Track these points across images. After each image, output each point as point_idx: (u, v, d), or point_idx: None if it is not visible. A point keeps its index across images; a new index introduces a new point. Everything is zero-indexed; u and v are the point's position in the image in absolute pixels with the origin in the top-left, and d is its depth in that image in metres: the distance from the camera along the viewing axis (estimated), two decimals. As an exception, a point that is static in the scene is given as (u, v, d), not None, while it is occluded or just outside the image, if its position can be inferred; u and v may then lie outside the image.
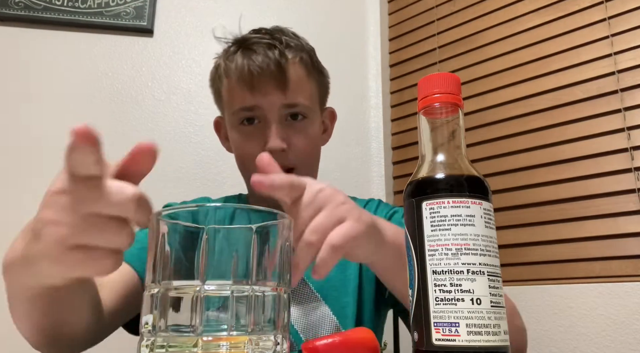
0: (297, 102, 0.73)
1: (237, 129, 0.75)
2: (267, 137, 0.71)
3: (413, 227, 0.33)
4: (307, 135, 0.75)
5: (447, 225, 0.32)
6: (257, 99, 0.71)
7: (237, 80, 0.72)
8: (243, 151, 0.75)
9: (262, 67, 0.70)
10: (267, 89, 0.71)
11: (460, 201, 0.32)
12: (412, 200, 0.34)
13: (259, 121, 0.73)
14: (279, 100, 0.72)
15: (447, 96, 0.35)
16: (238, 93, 0.73)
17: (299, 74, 0.74)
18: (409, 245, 0.34)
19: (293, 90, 0.72)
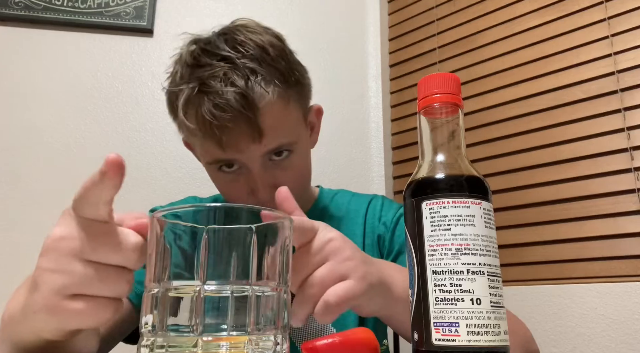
0: (278, 146, 0.65)
1: (216, 175, 0.69)
2: (252, 185, 0.65)
3: (413, 227, 0.33)
4: (294, 170, 0.69)
5: (447, 225, 0.32)
6: (232, 154, 0.63)
7: (203, 136, 0.63)
8: (229, 195, 0.70)
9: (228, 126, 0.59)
10: (240, 146, 0.62)
11: (460, 201, 0.32)
12: (412, 200, 0.34)
13: (238, 166, 0.66)
14: (257, 151, 0.63)
15: (447, 96, 0.35)
16: (209, 148, 0.64)
17: (274, 112, 0.62)
18: (409, 245, 0.34)
19: (271, 136, 0.63)
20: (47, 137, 1.33)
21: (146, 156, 1.36)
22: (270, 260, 0.32)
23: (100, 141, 1.35)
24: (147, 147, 1.37)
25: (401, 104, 1.53)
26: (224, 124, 0.59)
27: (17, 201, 1.24)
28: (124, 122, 1.38)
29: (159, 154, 1.37)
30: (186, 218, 0.32)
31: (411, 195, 0.34)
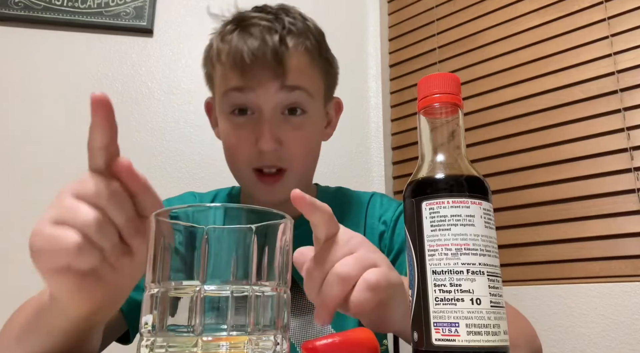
0: (295, 96, 0.66)
1: (227, 118, 0.68)
2: (259, 133, 0.64)
3: (413, 227, 0.33)
4: (304, 133, 0.68)
5: (447, 225, 0.32)
6: (248, 82, 0.64)
7: (229, 66, 0.65)
8: (232, 144, 0.68)
9: (257, 55, 0.62)
10: (261, 78, 0.64)
11: (460, 201, 0.32)
12: (412, 200, 0.34)
13: (252, 112, 0.66)
14: (274, 90, 0.64)
15: (447, 96, 0.35)
16: (230, 74, 0.66)
17: (300, 63, 0.66)
18: (409, 245, 0.34)
19: (292, 80, 0.65)
20: (46, 137, 1.33)
21: (146, 156, 1.36)
22: (270, 260, 0.32)
23: (100, 141, 1.35)
24: (147, 147, 1.37)
25: (401, 104, 1.53)
26: (253, 53, 0.62)
27: (17, 201, 1.24)
28: (124, 122, 1.38)
29: (159, 154, 1.37)
30: (186, 218, 0.32)
31: (411, 195, 0.34)
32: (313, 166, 0.75)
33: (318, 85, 0.71)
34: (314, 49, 0.68)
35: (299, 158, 0.68)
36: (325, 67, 0.72)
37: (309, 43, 0.67)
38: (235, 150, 0.68)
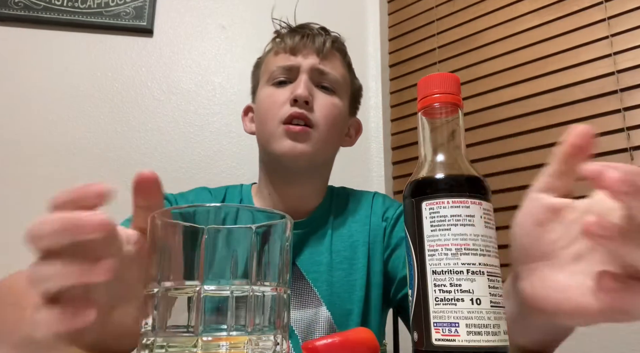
0: (329, 71, 0.75)
1: (268, 87, 0.75)
2: (296, 86, 0.71)
3: (413, 227, 0.33)
4: (334, 103, 0.74)
5: (447, 225, 0.32)
6: (294, 59, 0.74)
7: (282, 45, 0.76)
8: (268, 103, 0.74)
9: (308, 36, 0.75)
10: (305, 52, 0.74)
11: (460, 201, 0.32)
12: (412, 200, 0.34)
13: (290, 83, 0.74)
14: (313, 62, 0.73)
15: (447, 96, 0.35)
16: (280, 55, 0.75)
17: (338, 58, 0.78)
18: (409, 245, 0.34)
19: (329, 63, 0.75)
20: (46, 137, 1.33)
21: (146, 156, 1.36)
22: (270, 260, 0.32)
23: (100, 141, 1.35)
24: (147, 147, 1.37)
25: (401, 104, 1.53)
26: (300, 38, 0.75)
27: (17, 201, 1.24)
28: (124, 122, 1.38)
29: (159, 154, 1.37)
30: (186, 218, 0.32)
31: (411, 195, 0.34)
32: (334, 145, 0.78)
33: (346, 86, 0.79)
34: (348, 60, 0.82)
35: (326, 120, 0.72)
36: (352, 79, 0.82)
37: (347, 53, 0.82)
38: (270, 106, 0.72)
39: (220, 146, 1.41)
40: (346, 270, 0.72)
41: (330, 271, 0.72)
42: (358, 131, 0.86)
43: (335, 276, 0.71)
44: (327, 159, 0.78)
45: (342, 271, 0.72)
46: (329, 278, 0.71)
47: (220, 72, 1.48)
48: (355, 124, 0.85)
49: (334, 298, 0.70)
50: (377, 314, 0.72)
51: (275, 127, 0.71)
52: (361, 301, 0.70)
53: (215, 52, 1.49)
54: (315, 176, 0.77)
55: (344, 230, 0.76)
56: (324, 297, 0.70)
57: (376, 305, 0.72)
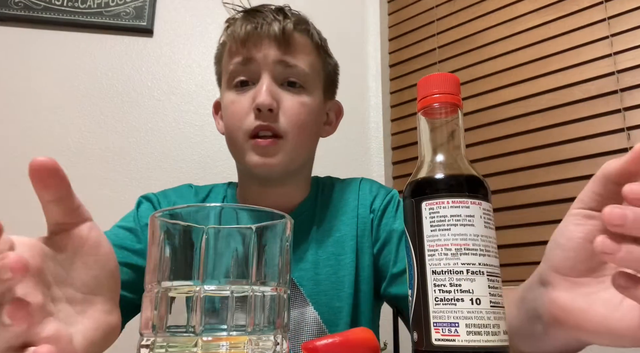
0: (294, 64, 0.66)
1: (229, 92, 0.68)
2: (257, 92, 0.64)
3: (413, 227, 0.33)
4: (302, 103, 0.67)
5: (447, 225, 0.32)
6: (251, 52, 0.66)
7: (234, 38, 0.67)
8: (231, 113, 0.67)
9: (261, 24, 0.66)
10: (262, 44, 0.65)
11: (459, 201, 0.32)
12: (412, 200, 0.34)
13: (253, 83, 0.66)
14: (274, 56, 0.65)
15: (447, 96, 0.35)
16: (234, 51, 0.67)
17: (302, 41, 0.68)
18: (409, 245, 0.34)
19: (293, 52, 0.66)
20: (46, 137, 1.33)
21: (146, 156, 1.36)
22: (270, 260, 0.32)
23: (100, 141, 1.35)
24: (147, 147, 1.37)
25: (401, 104, 1.53)
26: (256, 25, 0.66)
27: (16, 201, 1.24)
28: (124, 122, 1.38)
29: (159, 154, 1.37)
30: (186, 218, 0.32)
31: (411, 195, 0.34)
32: (309, 147, 0.72)
33: (318, 74, 0.71)
34: (317, 38, 0.71)
35: (295, 126, 0.66)
36: (325, 59, 0.73)
37: (313, 33, 0.70)
38: (234, 117, 0.67)
39: (220, 146, 1.41)
40: (333, 266, 0.69)
41: (316, 268, 0.68)
42: (339, 114, 0.80)
43: (321, 273, 0.68)
44: (305, 159, 0.73)
45: (328, 267, 0.69)
46: (315, 276, 0.68)
47: (220, 72, 1.48)
48: (334, 108, 0.78)
49: (321, 297, 0.67)
50: (368, 310, 0.70)
51: (242, 141, 0.66)
52: (350, 298, 0.68)
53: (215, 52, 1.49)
54: (295, 176, 0.72)
55: (329, 224, 0.72)
56: (310, 296, 0.66)
57: (366, 301, 0.69)
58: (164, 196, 0.74)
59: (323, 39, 0.74)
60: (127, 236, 0.65)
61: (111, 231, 0.66)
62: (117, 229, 0.66)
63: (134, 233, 0.66)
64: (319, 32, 0.73)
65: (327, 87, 0.75)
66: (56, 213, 0.34)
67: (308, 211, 0.73)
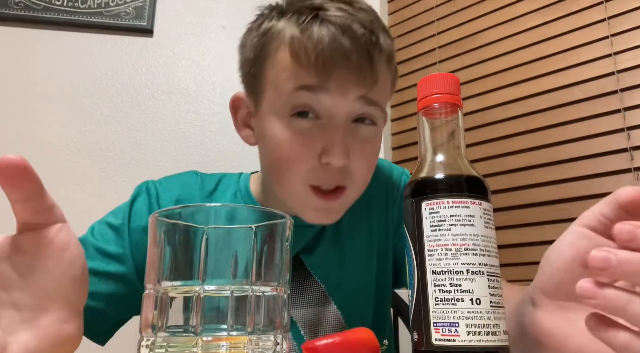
0: (376, 101, 0.54)
1: (285, 122, 0.54)
2: (328, 143, 0.52)
3: (413, 227, 0.33)
4: (372, 149, 0.57)
5: (447, 225, 0.32)
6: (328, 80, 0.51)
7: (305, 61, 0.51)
8: (289, 153, 0.54)
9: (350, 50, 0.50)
10: (343, 81, 0.51)
11: (459, 201, 0.32)
12: (412, 200, 0.34)
13: (316, 117, 0.53)
14: (354, 98, 0.52)
15: (447, 96, 0.35)
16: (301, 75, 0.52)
17: (385, 70, 0.55)
18: (409, 245, 0.34)
19: (376, 90, 0.54)
20: (46, 137, 1.33)
21: (146, 156, 1.36)
22: (270, 259, 0.32)
23: (100, 141, 1.35)
24: (147, 147, 1.37)
25: (401, 104, 1.53)
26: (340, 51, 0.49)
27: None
28: (124, 122, 1.38)
29: (159, 154, 1.37)
30: (186, 218, 0.32)
31: (411, 195, 0.34)
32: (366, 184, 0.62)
33: (389, 97, 0.61)
34: (394, 57, 0.58)
35: (362, 175, 0.56)
36: (394, 77, 0.61)
37: (392, 46, 0.57)
38: (293, 161, 0.54)
39: (220, 146, 1.41)
40: (356, 261, 0.65)
41: (338, 265, 0.64)
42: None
43: (346, 269, 0.64)
44: None
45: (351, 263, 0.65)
46: (339, 273, 0.64)
47: (220, 72, 1.47)
48: None
49: (344, 295, 0.63)
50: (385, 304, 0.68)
51: (299, 185, 0.55)
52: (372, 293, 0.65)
53: (215, 52, 1.49)
54: None
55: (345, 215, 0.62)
56: (332, 294, 0.62)
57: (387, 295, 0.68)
58: (166, 188, 0.65)
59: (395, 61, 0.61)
60: (112, 238, 0.59)
61: (99, 228, 0.61)
62: (105, 227, 0.61)
63: (119, 234, 0.60)
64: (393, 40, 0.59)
65: None
66: (23, 212, 0.33)
67: None
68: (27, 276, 0.33)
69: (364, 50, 0.51)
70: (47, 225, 0.34)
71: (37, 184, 0.32)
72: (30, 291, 0.33)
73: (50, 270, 0.34)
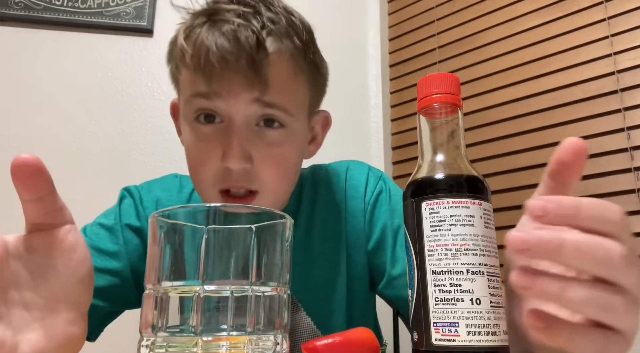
0: (273, 103, 0.54)
1: (191, 126, 0.57)
2: (226, 147, 0.53)
3: (413, 227, 0.33)
4: (281, 151, 0.56)
5: (447, 225, 0.32)
6: (217, 86, 0.53)
7: (194, 68, 0.54)
8: (195, 158, 0.57)
9: (228, 59, 0.51)
10: (232, 86, 0.53)
11: (459, 201, 0.32)
12: (412, 200, 0.34)
13: (220, 120, 0.55)
14: (247, 101, 0.53)
15: (447, 96, 0.35)
16: (194, 82, 0.55)
17: (282, 74, 0.55)
18: (409, 245, 0.34)
19: (270, 96, 0.54)
20: (46, 137, 1.33)
21: (146, 156, 1.36)
22: (270, 260, 0.32)
23: (100, 141, 1.35)
24: (147, 147, 1.37)
25: (401, 104, 1.53)
26: (223, 56, 0.51)
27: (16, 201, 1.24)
28: (124, 123, 1.38)
29: (159, 154, 1.37)
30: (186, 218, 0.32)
31: (411, 195, 0.34)
32: (290, 188, 0.62)
33: (302, 98, 0.59)
34: (300, 53, 0.56)
35: (272, 179, 0.56)
36: (312, 74, 0.60)
37: (294, 47, 0.56)
38: (199, 165, 0.56)
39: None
40: (323, 266, 0.64)
41: (306, 271, 0.62)
42: (325, 126, 0.69)
43: (312, 275, 0.63)
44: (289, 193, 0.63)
45: (319, 268, 0.64)
46: (306, 279, 0.61)
47: (220, 72, 1.47)
48: (321, 121, 0.67)
49: (313, 300, 0.61)
50: (361, 310, 0.67)
51: (209, 189, 0.56)
52: (344, 299, 0.64)
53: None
54: None
55: (317, 218, 0.66)
56: (301, 301, 0.60)
57: (360, 300, 0.66)
58: (148, 191, 0.68)
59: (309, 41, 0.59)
60: (106, 237, 0.62)
61: (92, 229, 0.64)
62: (98, 227, 0.64)
63: (113, 233, 0.63)
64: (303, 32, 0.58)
65: (313, 102, 0.63)
66: (34, 212, 0.33)
67: (292, 209, 0.66)
68: (37, 277, 0.33)
69: (248, 54, 0.51)
70: (57, 225, 0.34)
71: (49, 184, 0.33)
72: (39, 291, 0.33)
73: (59, 271, 0.34)
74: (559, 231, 0.26)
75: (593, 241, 0.25)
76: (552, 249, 0.25)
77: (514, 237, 0.26)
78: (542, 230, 0.26)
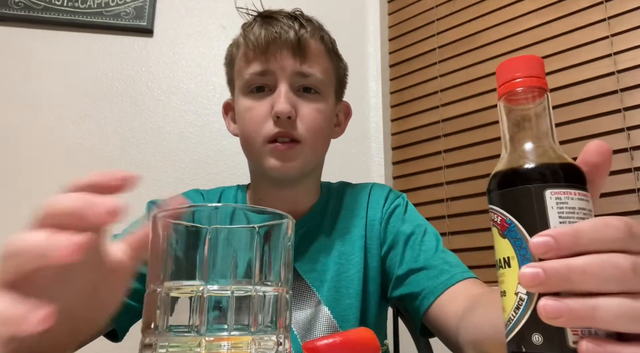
0: (311, 73, 0.69)
1: (245, 98, 0.70)
2: (275, 99, 0.67)
3: (532, 216, 0.29)
4: (318, 108, 0.70)
5: (576, 218, 0.29)
6: (269, 63, 0.68)
7: (252, 46, 0.69)
8: (249, 118, 0.69)
9: (280, 34, 0.68)
10: (281, 55, 0.68)
11: (583, 193, 0.30)
12: (529, 187, 0.30)
13: (269, 90, 0.69)
14: (292, 66, 0.68)
15: (531, 79, 0.33)
16: (251, 59, 0.69)
17: (317, 48, 0.71)
18: (521, 236, 0.30)
19: (309, 61, 0.69)
20: (46, 137, 1.33)
21: (146, 156, 1.36)
22: (272, 260, 0.32)
23: (100, 141, 1.35)
24: (147, 147, 1.37)
25: (401, 104, 1.53)
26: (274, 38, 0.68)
27: (16, 201, 1.24)
28: (124, 122, 1.38)
29: (159, 154, 1.37)
30: (189, 218, 0.32)
31: (525, 181, 0.30)
32: (322, 151, 0.75)
33: (330, 77, 0.74)
34: (327, 44, 0.73)
35: (313, 133, 0.69)
36: (337, 63, 0.77)
37: (324, 39, 0.73)
38: (252, 123, 0.69)
39: (220, 146, 1.41)
40: (343, 264, 0.71)
41: (327, 270, 0.71)
42: (347, 115, 0.84)
43: (332, 272, 0.71)
44: (318, 162, 0.76)
45: (338, 265, 0.71)
46: (327, 276, 0.70)
47: (220, 72, 1.47)
48: (343, 109, 0.83)
49: (333, 294, 0.69)
50: (374, 309, 0.72)
51: (260, 146, 0.68)
52: (359, 294, 0.70)
53: (215, 52, 1.49)
54: (307, 179, 0.74)
55: (340, 225, 0.75)
56: (323, 296, 0.69)
57: (374, 300, 0.71)
58: None
59: (334, 42, 0.77)
60: None
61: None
62: None
63: None
64: (330, 36, 0.76)
65: (338, 90, 0.78)
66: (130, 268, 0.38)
67: (319, 215, 0.76)
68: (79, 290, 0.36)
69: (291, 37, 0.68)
70: None
71: None
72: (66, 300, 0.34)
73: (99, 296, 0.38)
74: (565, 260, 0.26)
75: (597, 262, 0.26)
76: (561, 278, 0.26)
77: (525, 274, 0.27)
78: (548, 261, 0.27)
